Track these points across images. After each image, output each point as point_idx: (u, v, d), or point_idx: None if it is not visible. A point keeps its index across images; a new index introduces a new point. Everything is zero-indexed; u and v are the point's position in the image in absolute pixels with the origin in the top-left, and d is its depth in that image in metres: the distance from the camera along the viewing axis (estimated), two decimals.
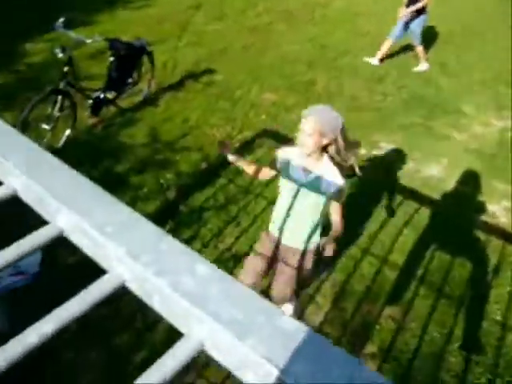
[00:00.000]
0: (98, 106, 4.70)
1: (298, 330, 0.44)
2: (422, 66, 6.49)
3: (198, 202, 3.76)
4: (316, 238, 2.43)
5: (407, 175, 4.33)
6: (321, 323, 2.89)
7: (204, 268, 0.49)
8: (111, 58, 4.71)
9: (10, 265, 0.60)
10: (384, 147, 4.74)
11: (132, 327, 2.77)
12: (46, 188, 0.61)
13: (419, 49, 6.49)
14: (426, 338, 2.89)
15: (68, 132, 4.37)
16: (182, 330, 0.49)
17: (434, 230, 3.71)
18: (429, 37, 7.58)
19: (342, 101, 5.51)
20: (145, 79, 5.17)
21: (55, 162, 0.68)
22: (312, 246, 2.44)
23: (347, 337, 2.84)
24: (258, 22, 7.93)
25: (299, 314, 2.88)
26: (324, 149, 2.24)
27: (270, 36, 7.36)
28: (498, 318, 3.06)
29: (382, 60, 6.55)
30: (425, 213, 3.86)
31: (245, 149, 4.47)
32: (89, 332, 2.64)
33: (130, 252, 0.50)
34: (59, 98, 4.23)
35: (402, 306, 3.07)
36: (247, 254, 3.30)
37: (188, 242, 3.31)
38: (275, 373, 0.41)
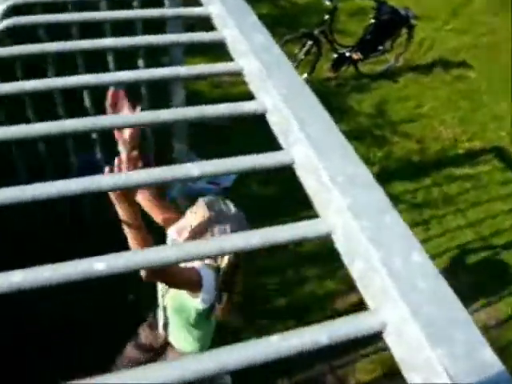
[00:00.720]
0: (340, 62, 4.76)
1: (495, 368, 0.39)
2: None
3: (395, 192, 3.63)
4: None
5: None
6: None
7: (420, 258, 0.46)
8: (372, 20, 4.67)
9: (229, 173, 0.64)
10: None
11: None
12: (294, 117, 0.63)
13: None
14: None
15: (304, 76, 4.55)
16: (370, 305, 0.47)
17: None
18: None
19: None
20: (394, 51, 5.04)
21: (312, 97, 0.70)
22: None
23: None
24: None
25: None
26: None
27: None
28: None
29: None
30: None
31: (467, 159, 4.11)
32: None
33: (352, 209, 0.49)
34: (309, 42, 4.39)
35: None
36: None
37: None
38: None
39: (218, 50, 0.87)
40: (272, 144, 0.69)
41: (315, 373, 2.25)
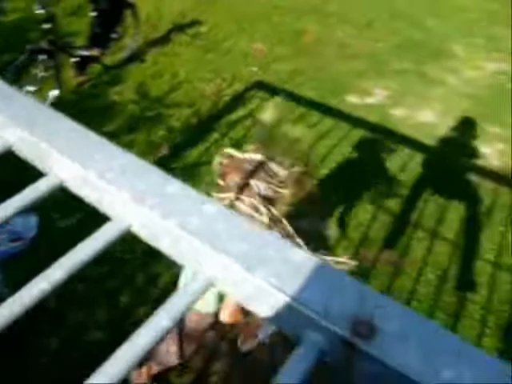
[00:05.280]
0: (82, 64, 4.59)
1: (308, 261, 0.45)
2: None
3: (192, 158, 3.74)
4: None
5: (400, 121, 4.31)
6: None
7: (211, 207, 0.49)
8: (93, 13, 4.56)
9: (8, 220, 0.59)
10: (377, 94, 4.69)
11: (134, 283, 2.81)
12: (43, 139, 0.60)
13: None
14: (422, 280, 2.97)
15: (54, 93, 4.27)
16: (192, 268, 0.50)
17: (429, 175, 3.74)
18: None
19: (333, 49, 5.41)
20: (129, 34, 5.03)
21: (52, 113, 0.67)
22: None
23: None
24: None
25: None
26: None
27: None
28: (491, 257, 3.13)
29: None
30: (419, 159, 3.87)
31: (236, 102, 4.41)
32: (91, 291, 2.69)
33: (134, 196, 0.50)
34: (42, 57, 4.12)
35: (398, 250, 3.13)
36: None
37: None
38: (287, 301, 0.42)
39: None
40: None
41: None
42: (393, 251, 3.13)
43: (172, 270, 2.67)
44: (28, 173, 0.77)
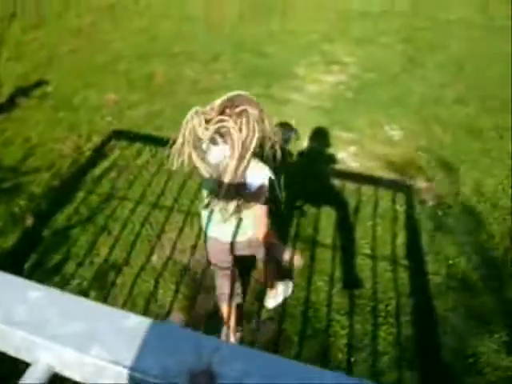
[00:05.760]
0: None
1: (140, 325, 0.46)
2: None
3: (61, 222, 3.56)
4: None
5: None
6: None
7: (36, 293, 0.48)
8: None
9: None
10: None
11: None
12: None
13: None
14: (313, 289, 3.10)
15: None
16: (29, 359, 0.48)
17: (296, 188, 3.95)
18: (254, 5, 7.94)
19: (185, 87, 5.53)
20: None
21: None
22: None
23: (245, 308, 2.93)
24: (80, 23, 7.58)
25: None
26: None
27: (95, 35, 7.06)
28: (367, 251, 3.38)
29: None
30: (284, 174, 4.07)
31: (98, 155, 4.29)
32: None
33: None
34: None
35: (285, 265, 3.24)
36: (126, 261, 3.23)
37: (61, 264, 3.13)
38: (125, 373, 0.43)
39: None
40: None
41: None
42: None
43: None
44: None
